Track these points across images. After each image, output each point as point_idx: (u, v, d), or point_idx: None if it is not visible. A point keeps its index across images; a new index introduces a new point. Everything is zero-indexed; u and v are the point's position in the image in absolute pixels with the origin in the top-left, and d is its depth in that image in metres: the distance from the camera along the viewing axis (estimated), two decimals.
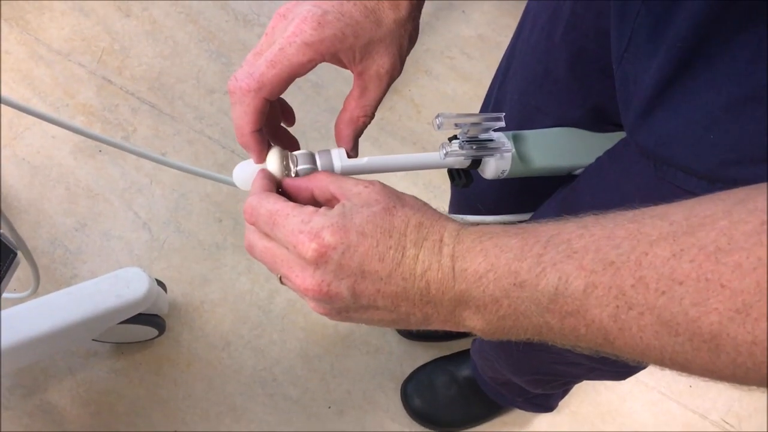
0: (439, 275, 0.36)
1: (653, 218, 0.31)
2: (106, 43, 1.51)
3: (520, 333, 0.36)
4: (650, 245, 0.30)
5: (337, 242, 0.36)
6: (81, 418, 1.18)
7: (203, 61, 1.52)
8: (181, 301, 1.28)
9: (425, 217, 0.38)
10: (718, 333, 0.27)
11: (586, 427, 1.27)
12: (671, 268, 0.29)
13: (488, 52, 1.63)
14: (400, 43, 0.45)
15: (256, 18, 1.58)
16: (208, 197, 1.37)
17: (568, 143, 0.60)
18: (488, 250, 0.35)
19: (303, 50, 0.41)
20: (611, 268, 0.31)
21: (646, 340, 0.30)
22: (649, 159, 0.48)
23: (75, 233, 1.32)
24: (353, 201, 0.38)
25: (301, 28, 0.40)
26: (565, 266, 0.32)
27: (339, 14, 0.41)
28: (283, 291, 1.31)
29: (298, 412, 1.23)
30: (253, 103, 0.42)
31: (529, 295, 0.33)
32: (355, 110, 0.46)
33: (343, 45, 0.42)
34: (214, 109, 1.46)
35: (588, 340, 0.33)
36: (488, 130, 0.52)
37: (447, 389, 1.21)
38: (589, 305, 0.31)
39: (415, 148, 1.47)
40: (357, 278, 0.37)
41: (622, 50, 0.49)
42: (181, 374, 1.23)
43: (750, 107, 0.40)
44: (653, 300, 0.29)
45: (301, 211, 0.38)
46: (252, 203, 0.40)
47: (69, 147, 1.39)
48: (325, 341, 1.28)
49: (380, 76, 0.44)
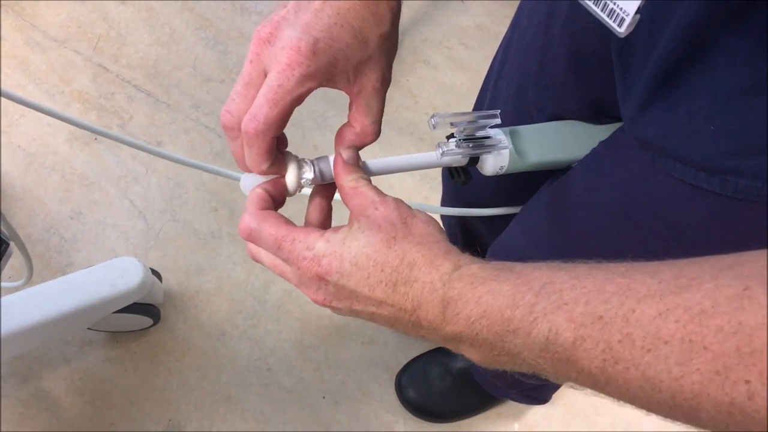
0: (429, 316, 0.38)
1: (643, 275, 0.32)
2: (102, 30, 1.50)
3: (515, 368, 0.37)
4: (638, 302, 0.31)
5: (333, 271, 0.39)
6: (76, 407, 1.18)
7: (200, 49, 1.51)
8: (177, 291, 1.28)
9: (421, 254, 0.39)
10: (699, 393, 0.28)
11: (580, 419, 1.28)
12: (657, 326, 0.29)
13: (486, 42, 1.62)
14: (387, 55, 0.45)
15: (253, 6, 1.57)
16: (203, 186, 1.37)
17: (565, 136, 0.60)
18: (481, 296, 0.36)
19: (302, 83, 0.40)
20: (600, 322, 0.31)
21: (632, 392, 0.31)
22: (647, 151, 0.48)
23: (70, 221, 1.32)
24: (361, 223, 0.40)
25: (296, 60, 0.39)
26: (555, 317, 0.33)
27: (330, 40, 0.40)
28: (279, 281, 1.31)
29: (293, 402, 1.23)
30: (264, 144, 0.42)
31: (522, 341, 0.34)
32: (366, 127, 0.46)
33: (337, 70, 0.41)
34: (210, 98, 1.46)
35: (580, 383, 0.34)
36: (485, 128, 0.51)
37: (441, 380, 1.21)
38: (578, 356, 0.32)
39: (413, 138, 1.46)
40: (353, 301, 0.40)
41: (622, 42, 0.48)
42: (176, 363, 1.23)
43: (751, 98, 0.40)
44: (639, 357, 0.30)
45: (307, 237, 0.40)
46: (251, 225, 0.42)
47: (64, 135, 1.38)
48: (320, 332, 1.29)
49: (377, 90, 0.44)
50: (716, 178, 0.44)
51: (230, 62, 1.50)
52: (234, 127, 0.42)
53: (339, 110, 1.47)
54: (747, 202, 0.44)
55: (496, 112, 0.50)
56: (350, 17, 0.41)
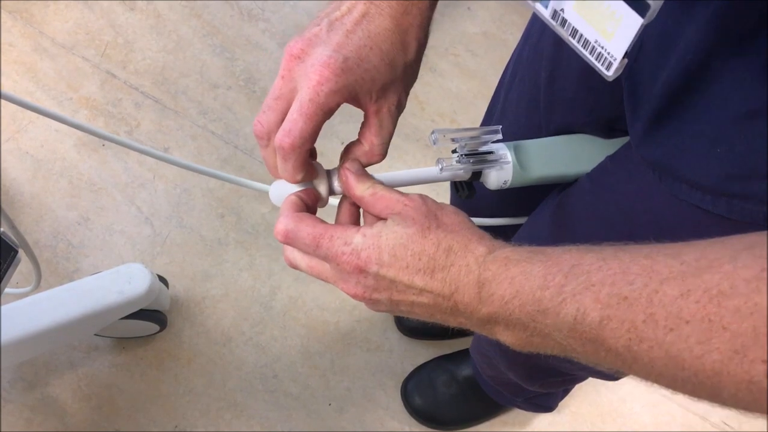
0: (465, 298, 0.40)
1: (666, 256, 0.33)
2: (110, 36, 1.51)
3: (548, 350, 0.39)
4: (661, 283, 0.32)
5: (372, 262, 0.41)
6: (82, 412, 1.19)
7: (207, 56, 1.52)
8: (183, 297, 1.28)
9: (455, 240, 0.40)
10: (720, 371, 0.29)
11: (586, 428, 1.27)
12: (679, 307, 0.31)
13: (493, 49, 1.62)
14: (406, 82, 0.47)
15: (260, 13, 1.58)
16: (210, 192, 1.37)
17: (570, 151, 0.60)
18: (514, 277, 0.38)
19: (331, 98, 0.42)
20: (625, 303, 0.33)
21: (658, 370, 0.32)
22: (654, 171, 0.48)
23: (77, 227, 1.32)
24: (395, 218, 0.42)
25: (325, 77, 0.41)
26: (583, 298, 0.34)
27: (358, 60, 0.42)
28: (285, 287, 1.31)
29: (299, 408, 1.23)
30: (300, 157, 0.44)
31: (552, 321, 0.36)
32: (375, 147, 0.47)
33: (362, 89, 0.43)
34: (217, 105, 1.46)
35: (608, 362, 0.35)
36: (487, 143, 0.51)
37: (447, 388, 1.21)
38: (605, 336, 0.34)
39: (419, 145, 1.46)
40: (393, 291, 0.41)
41: (631, 61, 0.49)
42: (182, 370, 1.23)
43: (757, 122, 0.40)
44: (662, 336, 0.31)
45: (344, 232, 0.42)
46: (288, 227, 0.43)
47: (72, 141, 1.39)
48: (325, 338, 1.29)
49: (392, 113, 0.46)
50: (722, 201, 0.44)
51: (237, 69, 1.51)
52: (264, 136, 0.45)
53: (345, 117, 1.47)
54: (753, 225, 0.44)
55: (497, 127, 0.50)
56: (380, 41, 0.43)
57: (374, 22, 0.43)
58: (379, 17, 0.43)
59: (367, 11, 0.43)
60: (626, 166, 0.54)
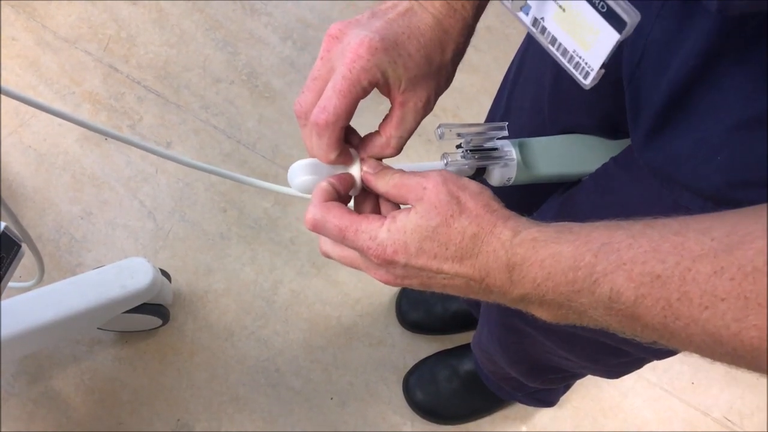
0: (498, 282, 0.40)
1: (696, 232, 0.33)
2: (112, 30, 1.51)
3: (585, 324, 0.39)
4: (693, 261, 0.32)
5: (400, 256, 0.41)
6: (85, 406, 1.19)
7: (209, 50, 1.52)
8: (186, 291, 1.29)
9: (480, 226, 0.40)
10: (758, 346, 0.30)
11: (588, 423, 1.28)
12: (713, 285, 0.31)
13: (496, 44, 1.61)
14: (438, 83, 0.47)
15: (263, 7, 1.57)
16: (213, 187, 1.37)
17: (574, 150, 0.60)
18: (544, 260, 0.38)
19: (363, 75, 0.42)
20: (658, 281, 0.33)
21: (696, 344, 0.33)
22: (655, 177, 0.48)
23: (80, 221, 1.32)
24: (417, 208, 0.42)
25: (359, 54, 0.42)
26: (615, 277, 0.35)
27: (395, 44, 0.43)
28: (287, 282, 1.31)
29: (301, 402, 1.23)
30: (335, 134, 0.44)
31: (587, 300, 0.36)
32: (392, 140, 0.47)
33: (394, 74, 0.43)
34: (220, 99, 1.46)
35: (646, 336, 0.36)
36: (492, 139, 0.51)
37: (449, 382, 1.21)
38: (641, 313, 0.34)
39: (421, 140, 1.46)
40: (423, 278, 0.42)
41: (633, 67, 0.48)
42: (185, 363, 1.24)
43: (759, 129, 0.40)
44: (697, 314, 0.32)
45: (369, 226, 0.42)
46: (316, 216, 0.44)
47: (75, 135, 1.39)
48: (328, 333, 1.29)
49: (417, 109, 0.46)
50: (723, 209, 0.44)
51: (240, 63, 1.51)
52: (302, 116, 0.46)
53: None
54: None
55: (503, 124, 0.50)
56: (419, 33, 0.44)
57: (417, 16, 0.44)
58: (423, 13, 0.44)
59: (411, 7, 0.44)
60: (630, 170, 0.54)
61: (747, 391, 1.32)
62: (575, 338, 0.75)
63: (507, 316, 0.85)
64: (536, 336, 0.81)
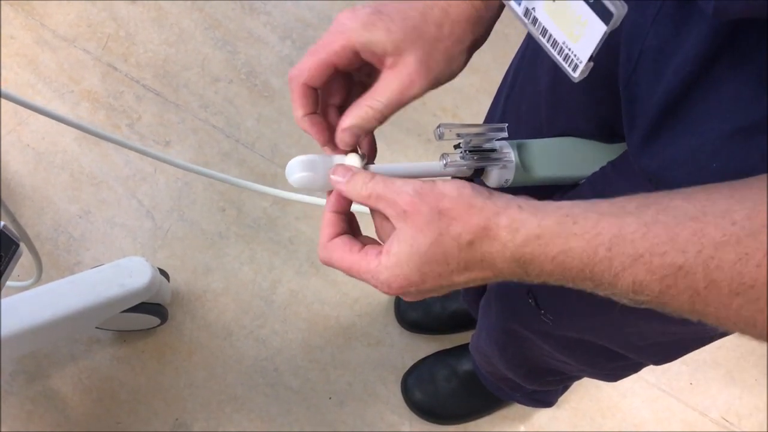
0: (514, 276, 0.40)
1: (715, 216, 0.32)
2: (111, 29, 1.51)
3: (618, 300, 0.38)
4: (715, 249, 0.31)
5: (407, 287, 0.42)
6: (83, 405, 1.19)
7: (208, 49, 1.51)
8: (184, 290, 1.29)
9: (472, 233, 0.39)
10: None
11: (586, 423, 1.28)
12: (739, 272, 0.31)
13: (495, 44, 1.61)
14: (432, 56, 0.45)
15: (262, 6, 1.57)
16: (211, 186, 1.37)
17: (573, 153, 0.59)
18: (555, 257, 0.37)
19: (335, 37, 0.44)
20: (681, 272, 0.33)
21: (727, 325, 0.33)
22: (651, 182, 0.48)
23: (79, 220, 1.32)
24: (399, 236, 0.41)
25: (339, 20, 0.44)
26: (635, 270, 0.34)
27: (377, 11, 0.44)
28: (286, 281, 1.31)
29: (299, 402, 1.23)
30: (297, 89, 0.46)
31: (611, 291, 0.36)
32: (374, 102, 0.46)
33: (375, 37, 0.44)
34: (219, 98, 1.46)
35: (679, 315, 0.35)
36: (491, 140, 0.51)
37: (447, 382, 1.21)
38: (668, 301, 0.34)
39: (420, 140, 1.46)
40: (440, 290, 0.42)
41: (629, 72, 0.48)
42: (183, 363, 1.24)
43: (754, 136, 0.39)
44: (728, 300, 0.31)
45: (368, 266, 0.42)
46: (322, 257, 0.46)
47: (74, 133, 1.39)
48: (326, 332, 1.29)
49: (402, 76, 0.45)
50: None
51: (239, 62, 1.50)
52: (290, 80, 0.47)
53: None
54: None
55: (503, 125, 0.50)
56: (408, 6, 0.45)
57: None
58: None
59: None
60: (627, 175, 0.54)
61: (745, 392, 1.32)
62: (574, 343, 0.75)
63: (506, 320, 0.84)
64: (535, 340, 0.81)
